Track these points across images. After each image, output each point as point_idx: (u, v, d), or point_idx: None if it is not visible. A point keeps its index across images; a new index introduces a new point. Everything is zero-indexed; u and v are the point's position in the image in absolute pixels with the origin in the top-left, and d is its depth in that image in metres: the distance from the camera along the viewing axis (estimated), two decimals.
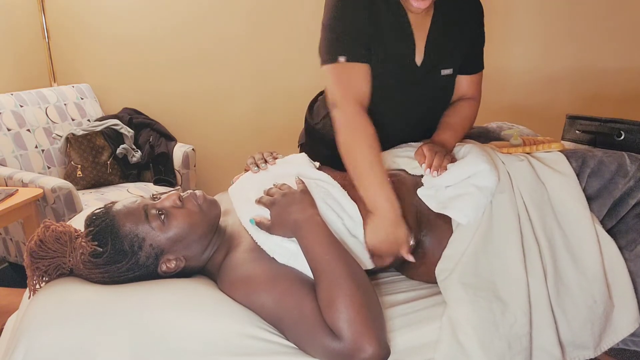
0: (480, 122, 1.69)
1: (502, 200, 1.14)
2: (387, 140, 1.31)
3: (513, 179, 1.18)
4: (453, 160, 1.22)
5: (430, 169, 1.17)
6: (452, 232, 1.15)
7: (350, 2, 1.23)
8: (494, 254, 1.09)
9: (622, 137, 1.42)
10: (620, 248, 1.13)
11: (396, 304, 1.10)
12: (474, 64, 1.43)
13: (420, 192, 1.20)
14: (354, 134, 1.19)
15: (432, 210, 1.18)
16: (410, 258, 1.12)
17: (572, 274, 1.09)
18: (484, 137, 1.52)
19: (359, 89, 1.23)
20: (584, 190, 1.18)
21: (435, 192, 1.18)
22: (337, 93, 1.23)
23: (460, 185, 1.16)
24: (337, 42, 1.23)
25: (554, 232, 1.13)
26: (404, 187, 1.23)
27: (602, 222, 1.17)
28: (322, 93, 1.51)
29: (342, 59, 1.22)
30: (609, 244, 1.13)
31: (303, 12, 2.84)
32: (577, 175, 1.19)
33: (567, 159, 1.22)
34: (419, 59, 1.30)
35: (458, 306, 1.03)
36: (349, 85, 1.22)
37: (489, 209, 1.14)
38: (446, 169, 1.18)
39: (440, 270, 1.11)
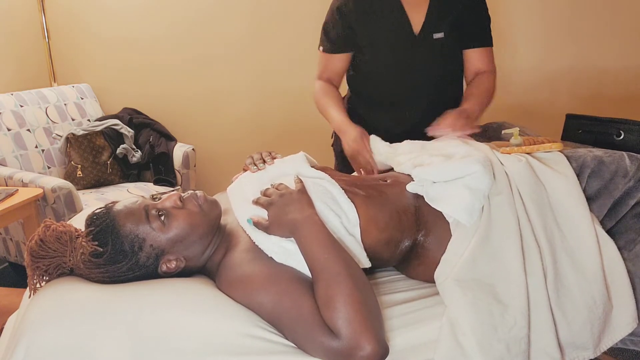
0: (480, 121, 1.69)
1: (500, 202, 1.14)
2: (401, 118, 1.65)
3: (512, 180, 1.18)
4: (473, 128, 1.40)
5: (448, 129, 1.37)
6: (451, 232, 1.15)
7: (331, 17, 1.68)
8: (492, 256, 1.09)
9: (622, 137, 1.42)
10: (619, 248, 1.13)
11: (395, 303, 1.09)
12: (478, 36, 1.59)
13: (409, 187, 1.20)
14: (324, 94, 1.72)
15: (431, 211, 1.17)
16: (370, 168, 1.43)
17: (572, 275, 1.09)
18: (484, 136, 1.52)
19: (330, 70, 1.75)
20: (584, 190, 1.17)
21: (422, 187, 1.19)
22: (318, 70, 1.78)
23: (451, 184, 1.16)
24: (321, 38, 1.73)
25: (554, 233, 1.13)
26: (402, 187, 1.23)
27: (601, 222, 1.17)
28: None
29: (321, 49, 1.73)
30: (609, 245, 1.12)
31: (303, 14, 2.84)
32: (577, 175, 1.19)
33: (567, 159, 1.22)
34: (417, 28, 1.55)
35: (457, 308, 1.02)
36: (325, 67, 1.75)
37: (487, 211, 1.13)
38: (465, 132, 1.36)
39: (439, 274, 1.10)
